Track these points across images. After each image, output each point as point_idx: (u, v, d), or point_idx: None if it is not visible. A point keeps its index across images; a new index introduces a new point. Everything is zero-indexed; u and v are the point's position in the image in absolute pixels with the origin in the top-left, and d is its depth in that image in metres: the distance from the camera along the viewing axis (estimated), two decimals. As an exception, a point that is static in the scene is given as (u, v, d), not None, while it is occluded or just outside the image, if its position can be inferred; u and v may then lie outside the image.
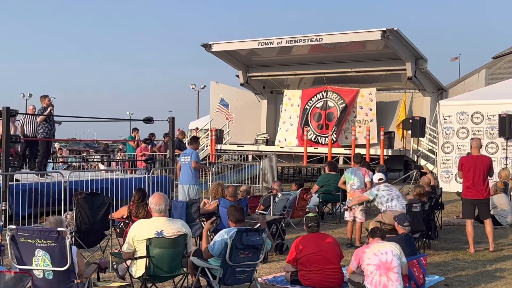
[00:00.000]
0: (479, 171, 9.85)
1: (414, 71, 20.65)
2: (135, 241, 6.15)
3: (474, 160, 9.98)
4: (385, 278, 6.70)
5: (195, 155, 12.09)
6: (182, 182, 12.03)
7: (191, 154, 12.06)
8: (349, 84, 23.21)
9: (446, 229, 11.92)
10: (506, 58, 38.16)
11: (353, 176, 10.65)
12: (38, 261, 5.59)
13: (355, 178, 10.60)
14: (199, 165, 12.18)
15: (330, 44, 21.22)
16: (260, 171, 17.51)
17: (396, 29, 19.11)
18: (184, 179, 12.00)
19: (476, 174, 9.85)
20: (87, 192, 9.18)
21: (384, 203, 9.78)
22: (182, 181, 12.03)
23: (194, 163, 11.90)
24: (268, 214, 10.68)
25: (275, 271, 8.25)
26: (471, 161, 10.01)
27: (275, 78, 24.95)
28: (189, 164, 11.92)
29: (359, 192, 10.48)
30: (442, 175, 17.79)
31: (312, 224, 7.67)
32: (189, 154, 12.06)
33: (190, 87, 54.67)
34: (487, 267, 8.63)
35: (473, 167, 9.88)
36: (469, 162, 9.99)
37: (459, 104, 17.99)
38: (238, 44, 23.05)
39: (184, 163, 12.02)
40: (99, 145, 45.79)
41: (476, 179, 9.85)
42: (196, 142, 12.66)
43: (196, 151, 12.30)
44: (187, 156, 12.04)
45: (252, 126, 25.55)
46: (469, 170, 9.89)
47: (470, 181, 9.90)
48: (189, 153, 12.10)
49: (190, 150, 12.26)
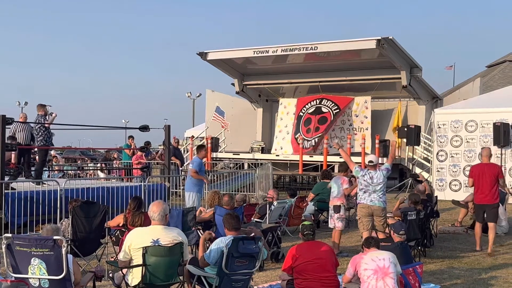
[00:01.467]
0: (488, 178, 10.47)
1: (409, 79, 20.70)
2: (131, 249, 6.15)
3: (483, 167, 10.67)
4: (382, 283, 6.71)
5: (196, 164, 12.34)
6: (186, 190, 12.56)
7: (193, 162, 12.57)
8: (344, 93, 23.25)
9: (441, 237, 11.95)
10: (500, 67, 38.34)
11: (333, 183, 10.75)
12: (34, 269, 5.59)
13: (334, 185, 10.68)
14: (196, 175, 12.27)
15: (325, 52, 21.26)
16: (256, 179, 17.52)
17: (391, 37, 19.17)
18: (187, 186, 12.50)
19: (485, 181, 10.48)
20: (82, 200, 9.18)
21: (359, 191, 9.76)
22: (186, 188, 12.56)
23: (192, 171, 12.15)
24: (264, 222, 10.69)
25: (271, 279, 8.26)
26: (480, 168, 10.70)
27: (271, 86, 25.00)
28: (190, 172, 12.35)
29: (337, 200, 10.50)
30: (436, 183, 17.82)
31: (308, 232, 7.68)
32: (192, 162, 12.63)
33: (186, 95, 54.68)
34: (482, 275, 8.66)
35: (482, 174, 10.54)
36: (478, 170, 10.68)
37: (453, 113, 18.06)
38: (234, 53, 23.09)
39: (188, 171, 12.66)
40: (94, 153, 45.79)
41: (484, 185, 10.49)
42: (201, 151, 12.84)
43: (199, 160, 12.50)
44: (190, 165, 12.61)
45: (248, 134, 25.56)
46: (478, 177, 10.57)
47: (479, 187, 10.58)
48: (192, 162, 12.70)
49: (195, 158, 12.82)
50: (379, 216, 9.47)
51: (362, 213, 9.55)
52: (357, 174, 9.64)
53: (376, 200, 9.45)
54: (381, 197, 9.49)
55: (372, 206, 9.43)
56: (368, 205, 9.45)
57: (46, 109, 13.45)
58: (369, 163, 9.65)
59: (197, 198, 12.25)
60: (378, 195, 9.46)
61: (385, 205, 9.58)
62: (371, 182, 9.48)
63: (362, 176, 9.56)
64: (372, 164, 9.62)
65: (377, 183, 9.46)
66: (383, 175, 9.50)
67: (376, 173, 9.51)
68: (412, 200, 10.41)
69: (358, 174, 9.62)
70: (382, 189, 9.52)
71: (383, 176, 9.50)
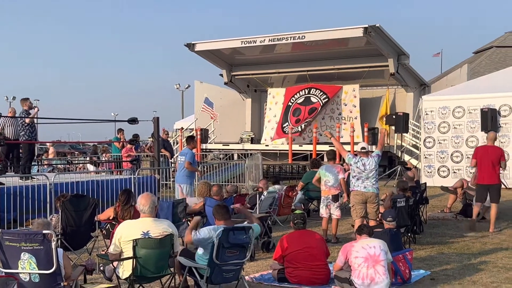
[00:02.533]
0: (490, 159, 11.21)
1: (397, 67, 20.75)
2: (121, 242, 6.15)
3: (486, 149, 11.46)
4: (373, 271, 6.76)
5: (190, 156, 12.22)
6: (177, 181, 12.34)
7: (186, 154, 12.29)
8: (332, 81, 23.27)
9: (431, 223, 12.01)
10: (487, 52, 38.51)
11: (327, 173, 10.53)
12: (24, 264, 5.57)
13: (329, 175, 10.48)
14: (191, 167, 12.23)
15: (313, 41, 21.24)
16: (246, 169, 17.54)
17: (378, 25, 19.18)
18: (178, 178, 12.30)
19: (488, 162, 11.21)
20: (72, 194, 9.15)
21: (352, 178, 9.71)
22: (177, 180, 12.35)
23: (187, 164, 12.04)
24: (254, 212, 10.70)
25: (262, 269, 8.28)
26: (483, 150, 11.50)
27: (259, 76, 24.97)
28: (184, 164, 12.12)
29: (334, 190, 10.42)
30: (425, 170, 17.90)
31: (298, 221, 7.72)
32: (184, 154, 12.33)
33: (175, 87, 54.49)
34: (472, 260, 8.73)
35: (485, 155, 11.29)
36: (482, 151, 11.47)
37: (441, 99, 18.11)
38: (221, 44, 23.04)
39: (180, 163, 12.32)
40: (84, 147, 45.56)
41: (486, 166, 11.23)
42: (193, 142, 12.79)
43: (192, 152, 12.43)
44: (183, 156, 12.32)
45: (237, 124, 25.55)
46: (481, 158, 11.31)
47: (481, 167, 11.32)
48: (185, 153, 12.37)
49: (186, 149, 12.48)
50: (372, 203, 9.52)
51: (356, 200, 9.57)
52: (350, 161, 9.65)
53: (369, 187, 9.50)
54: (374, 183, 9.55)
55: (366, 192, 9.47)
56: (362, 191, 9.49)
57: (29, 103, 13.39)
58: (362, 150, 9.67)
59: (190, 191, 12.19)
60: (371, 181, 9.52)
61: (378, 191, 9.64)
62: (363, 169, 9.51)
63: (355, 163, 9.57)
64: (364, 150, 9.66)
65: (369, 170, 9.50)
66: (375, 161, 9.55)
67: (368, 160, 9.55)
68: (400, 187, 10.46)
69: (351, 161, 9.62)
70: (375, 176, 9.59)
71: (375, 162, 9.55)
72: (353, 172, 9.65)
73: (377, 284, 6.73)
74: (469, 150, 17.18)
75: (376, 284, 6.73)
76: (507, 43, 38.95)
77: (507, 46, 38.35)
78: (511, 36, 39.90)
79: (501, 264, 8.46)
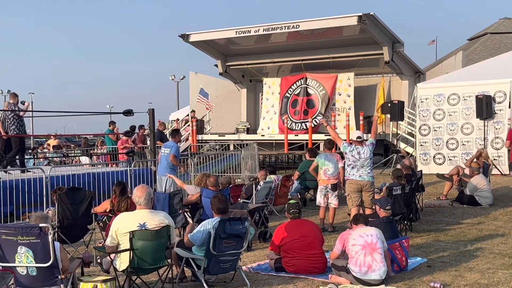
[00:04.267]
0: None
1: (391, 55, 20.74)
2: (118, 234, 6.16)
3: None
4: (370, 258, 6.78)
5: (175, 149, 12.10)
6: (160, 173, 12.18)
7: (171, 147, 12.13)
8: (327, 70, 23.27)
9: (427, 211, 12.06)
10: (482, 39, 38.49)
11: (327, 161, 10.53)
12: (21, 258, 5.58)
13: (329, 163, 10.49)
14: (176, 161, 12.17)
15: (307, 30, 21.20)
16: (242, 160, 17.54)
17: (372, 13, 19.16)
18: (161, 170, 12.14)
19: None
20: (68, 187, 9.15)
21: (347, 167, 9.69)
22: (160, 172, 12.19)
23: (172, 156, 11.92)
24: (251, 202, 10.73)
25: (259, 259, 8.30)
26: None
27: (254, 66, 24.94)
28: (168, 156, 11.99)
29: (333, 179, 10.44)
30: (420, 157, 17.94)
31: (294, 210, 7.74)
32: (170, 147, 12.14)
33: (170, 78, 54.26)
34: (468, 247, 8.76)
35: None
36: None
37: (436, 87, 18.12)
38: (216, 34, 22.96)
39: (163, 155, 12.14)
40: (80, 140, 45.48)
41: None
42: (178, 135, 12.67)
43: (177, 145, 12.32)
44: (167, 148, 12.14)
45: (233, 115, 25.54)
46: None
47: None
48: (170, 146, 12.19)
49: (171, 142, 12.31)
50: (367, 191, 9.52)
51: (351, 189, 9.56)
52: (345, 150, 9.62)
53: (364, 175, 9.49)
54: (369, 172, 9.55)
55: (361, 181, 9.47)
56: (357, 180, 9.48)
57: (17, 98, 13.43)
58: (358, 139, 9.63)
59: (174, 183, 12.06)
60: (366, 170, 9.51)
61: (373, 180, 9.65)
62: (358, 158, 9.50)
63: (350, 151, 9.54)
64: (360, 140, 9.63)
65: (364, 158, 9.49)
66: (370, 150, 9.54)
67: (363, 149, 9.53)
68: (395, 175, 10.48)
69: (346, 150, 9.61)
70: (370, 164, 9.58)
71: (370, 151, 9.54)
72: (348, 161, 9.64)
73: (374, 271, 6.76)
74: (464, 137, 17.25)
75: (373, 272, 6.76)
76: (501, 29, 38.94)
77: (501, 33, 38.34)
78: (505, 23, 39.89)
79: (497, 250, 8.50)
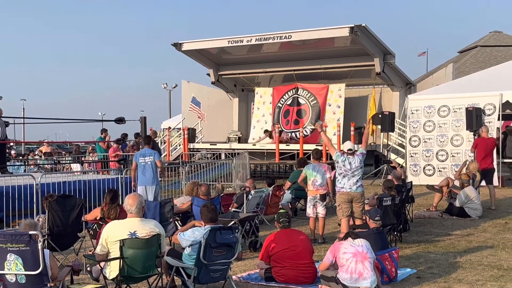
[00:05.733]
0: (488, 148, 14.10)
1: (383, 66, 20.86)
2: (108, 242, 6.15)
3: (485, 140, 14.29)
4: (361, 266, 6.81)
5: (158, 155, 11.93)
6: (146, 183, 11.61)
7: (154, 154, 11.76)
8: (319, 81, 23.36)
9: (417, 222, 12.08)
10: (472, 52, 38.80)
11: (315, 172, 10.50)
12: (10, 265, 5.55)
13: (317, 174, 10.46)
14: (161, 165, 12.04)
15: (299, 41, 21.31)
16: (233, 169, 17.56)
17: (364, 25, 19.28)
18: (148, 180, 11.63)
19: (486, 150, 13.99)
20: (58, 195, 9.12)
21: (338, 175, 9.67)
22: (146, 182, 11.62)
23: (159, 162, 11.70)
24: (242, 211, 10.73)
25: (250, 268, 8.30)
26: (483, 141, 14.27)
27: (246, 76, 25.01)
28: (153, 164, 11.61)
29: (322, 190, 10.42)
30: (410, 169, 18.00)
31: (283, 219, 7.75)
32: (151, 154, 11.72)
33: (162, 87, 54.20)
34: (457, 259, 8.79)
35: (484, 145, 14.09)
36: (481, 142, 14.25)
37: (426, 98, 18.22)
38: (208, 43, 23.04)
39: (147, 164, 11.65)
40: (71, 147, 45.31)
41: (486, 154, 13.96)
42: (151, 142, 12.45)
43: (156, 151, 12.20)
44: (149, 157, 11.67)
45: (224, 124, 25.58)
46: (481, 148, 14.08)
47: (482, 155, 13.95)
48: (151, 153, 11.75)
49: (149, 150, 11.90)
50: (358, 202, 9.54)
51: (341, 199, 9.56)
52: (338, 159, 9.64)
53: (354, 186, 9.51)
54: (359, 182, 9.57)
55: (351, 192, 9.49)
56: (347, 191, 9.51)
57: None
58: (348, 151, 9.64)
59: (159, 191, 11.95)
60: (356, 179, 9.54)
61: (363, 190, 9.67)
62: (350, 168, 9.51)
63: (342, 161, 9.56)
64: (351, 152, 9.64)
65: (355, 168, 9.51)
66: (359, 159, 9.57)
67: (353, 159, 9.55)
68: (386, 186, 10.51)
69: (339, 159, 9.62)
70: (360, 174, 9.60)
71: (360, 160, 9.57)
72: (339, 170, 9.65)
73: (365, 279, 6.77)
74: (454, 148, 17.35)
75: (364, 280, 6.77)
76: (491, 42, 39.28)
77: (491, 46, 38.69)
78: (495, 36, 40.24)
79: (486, 262, 8.54)
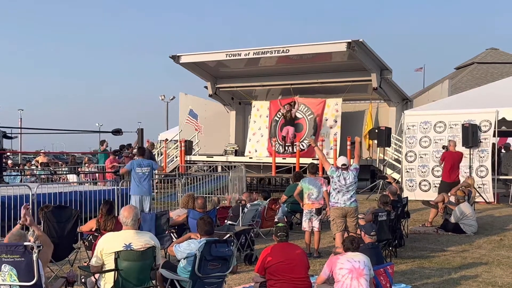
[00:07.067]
0: (455, 162, 14.71)
1: (379, 81, 20.95)
2: (103, 254, 6.13)
3: (452, 154, 14.85)
4: (356, 283, 6.81)
5: (156, 164, 12.08)
6: (142, 193, 11.83)
7: (151, 164, 11.94)
8: (316, 95, 23.43)
9: (412, 237, 12.09)
10: (469, 68, 39.00)
11: (311, 185, 10.52)
12: (5, 276, 5.54)
13: (313, 188, 10.48)
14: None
15: (297, 55, 21.41)
16: (230, 181, 17.57)
17: (361, 40, 19.39)
18: (145, 190, 11.84)
19: (453, 164, 14.62)
20: (54, 205, 9.12)
21: (332, 191, 9.69)
22: (143, 192, 11.84)
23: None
24: (237, 224, 10.74)
25: (244, 281, 8.30)
26: (450, 155, 14.85)
27: (243, 89, 25.09)
28: (150, 175, 11.78)
29: (317, 204, 10.45)
30: (406, 184, 18.03)
31: (281, 233, 7.74)
32: (149, 165, 11.88)
33: (160, 99, 54.30)
34: (452, 275, 8.81)
35: (451, 159, 14.68)
36: (448, 156, 14.81)
37: (423, 114, 18.31)
38: (206, 56, 23.13)
39: (145, 174, 11.80)
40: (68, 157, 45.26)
41: (452, 167, 14.60)
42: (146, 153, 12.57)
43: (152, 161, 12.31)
44: (147, 167, 11.82)
45: (221, 136, 25.62)
46: (448, 161, 14.65)
47: (448, 168, 14.62)
48: (149, 164, 11.92)
49: (146, 161, 12.09)
50: (351, 217, 9.56)
51: (336, 214, 9.59)
52: (332, 174, 9.67)
53: (348, 201, 9.54)
54: (353, 197, 9.60)
55: (345, 207, 9.52)
56: (341, 206, 9.53)
57: None
58: (342, 166, 9.68)
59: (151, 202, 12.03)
60: (350, 195, 9.57)
61: (357, 205, 9.70)
62: (344, 183, 9.55)
63: (337, 176, 9.59)
64: (345, 167, 9.68)
65: (349, 184, 9.55)
66: (354, 175, 9.62)
67: (347, 174, 9.59)
68: (382, 201, 10.54)
69: (334, 174, 9.66)
70: (354, 189, 9.64)
71: (353, 175, 9.61)
72: (334, 185, 9.69)
73: (359, 296, 6.77)
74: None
75: (358, 296, 6.78)
76: (488, 59, 39.50)
77: (488, 63, 38.90)
78: (492, 53, 40.47)
79: (481, 279, 8.55)
